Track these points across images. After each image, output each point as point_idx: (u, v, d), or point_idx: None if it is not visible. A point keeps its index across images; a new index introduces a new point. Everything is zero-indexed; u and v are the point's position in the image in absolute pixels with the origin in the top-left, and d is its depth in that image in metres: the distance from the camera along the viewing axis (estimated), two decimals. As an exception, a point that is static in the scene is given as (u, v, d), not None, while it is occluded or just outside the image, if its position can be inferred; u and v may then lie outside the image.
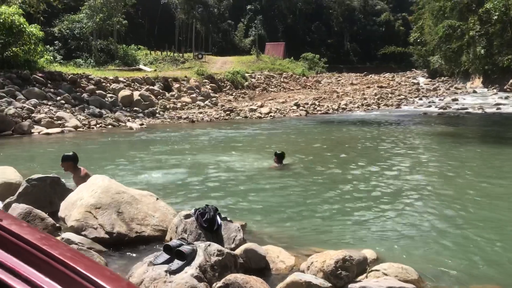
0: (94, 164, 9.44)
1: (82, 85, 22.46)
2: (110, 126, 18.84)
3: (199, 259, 3.68)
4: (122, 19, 42.84)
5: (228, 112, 25.00)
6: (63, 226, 5.12)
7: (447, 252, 4.91)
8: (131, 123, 19.56)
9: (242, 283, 3.43)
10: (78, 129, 17.27)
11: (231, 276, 3.52)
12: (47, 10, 38.04)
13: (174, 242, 3.82)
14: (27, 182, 5.57)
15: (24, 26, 21.18)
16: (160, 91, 26.74)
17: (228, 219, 4.95)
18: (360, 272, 4.00)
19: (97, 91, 22.25)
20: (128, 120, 20.22)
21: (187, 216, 4.76)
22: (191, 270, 3.55)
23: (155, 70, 34.94)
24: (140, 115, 21.97)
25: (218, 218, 4.71)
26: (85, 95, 21.43)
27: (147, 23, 67.38)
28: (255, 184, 8.37)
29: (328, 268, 3.80)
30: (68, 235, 4.50)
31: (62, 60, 32.89)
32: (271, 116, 24.99)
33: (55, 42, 37.19)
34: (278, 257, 4.37)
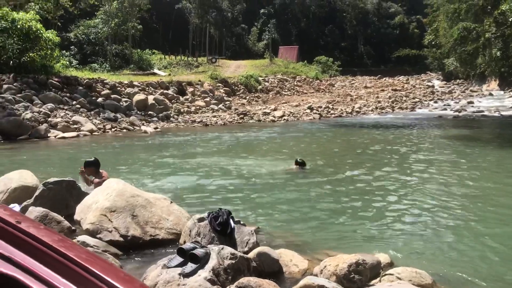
0: (109, 168, 9.53)
1: (98, 89, 22.71)
2: (125, 130, 19.01)
3: (212, 262, 3.70)
4: (137, 24, 43.24)
5: (241, 116, 25.06)
6: (78, 229, 5.18)
7: (461, 257, 4.86)
8: (146, 127, 19.72)
9: (255, 286, 3.44)
10: (94, 133, 17.46)
11: (244, 280, 3.53)
12: (63, 15, 38.62)
13: (187, 245, 3.85)
14: (44, 185, 5.66)
15: (41, 31, 21.52)
16: (174, 95, 26.91)
17: (241, 222, 4.97)
18: (373, 276, 3.99)
19: (112, 96, 22.48)
20: (143, 124, 20.39)
21: (200, 220, 4.80)
22: (205, 273, 3.58)
23: (169, 75, 35.18)
24: (155, 119, 22.14)
25: (231, 221, 4.73)
26: (100, 100, 21.67)
27: (161, 28, 67.85)
28: (269, 188, 8.37)
29: (341, 272, 3.80)
30: (84, 238, 4.56)
31: (77, 65, 33.31)
32: (284, 119, 24.99)
33: (71, 47, 37.65)
34: (291, 260, 4.37)
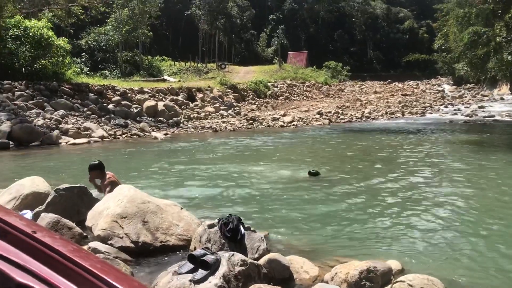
0: (119, 174, 9.58)
1: (108, 96, 22.89)
2: (135, 136, 19.13)
3: (223, 269, 3.70)
4: (147, 31, 43.62)
5: (251, 121, 25.09)
6: (90, 235, 5.21)
7: (474, 264, 4.81)
8: (156, 133, 19.83)
9: (266, 293, 3.44)
10: (104, 139, 17.58)
11: (255, 286, 3.53)
12: (75, 23, 39.03)
13: (198, 252, 3.85)
14: (55, 192, 5.70)
15: (53, 39, 21.79)
16: (184, 101, 27.04)
17: (252, 229, 4.97)
18: (384, 283, 3.96)
19: (122, 102, 22.65)
20: (153, 130, 20.51)
21: (211, 226, 4.80)
22: (215, 280, 3.58)
23: (179, 81, 35.38)
24: (165, 125, 22.26)
25: (242, 228, 4.73)
26: (111, 106, 21.84)
27: (171, 35, 68.35)
28: (279, 194, 8.36)
29: (352, 279, 3.78)
30: (95, 244, 4.58)
31: (88, 72, 33.64)
32: (294, 125, 24.98)
33: (82, 54, 38.04)
34: (302, 267, 4.35)
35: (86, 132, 17.61)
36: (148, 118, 22.52)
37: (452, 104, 37.21)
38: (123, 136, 18.82)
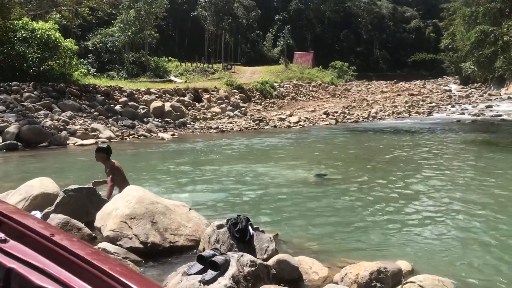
0: (127, 175, 9.60)
1: (115, 97, 22.96)
2: (142, 137, 19.18)
3: (232, 270, 3.70)
4: (153, 32, 43.71)
5: (257, 122, 25.08)
6: (99, 236, 5.22)
7: (485, 265, 4.78)
8: (163, 133, 19.87)
9: (276, 294, 3.43)
10: (112, 140, 17.63)
11: (265, 287, 3.52)
12: (82, 24, 39.22)
13: (207, 253, 3.85)
14: (64, 192, 5.72)
15: (60, 40, 21.89)
16: (191, 102, 27.08)
17: (260, 229, 4.96)
18: (395, 284, 3.94)
19: (129, 103, 22.72)
20: (160, 131, 20.54)
21: (219, 227, 4.80)
22: (225, 281, 3.57)
23: (185, 81, 35.44)
24: (171, 125, 22.30)
25: (250, 228, 4.72)
26: (118, 107, 21.90)
27: (177, 35, 68.42)
28: (287, 195, 8.34)
29: (362, 280, 3.76)
30: (104, 245, 4.60)
31: (95, 73, 33.75)
32: (300, 125, 24.94)
33: (89, 55, 38.16)
34: (311, 268, 4.34)
35: (94, 133, 17.67)
36: (155, 119, 22.57)
37: (459, 103, 37.00)
38: (130, 137, 18.88)
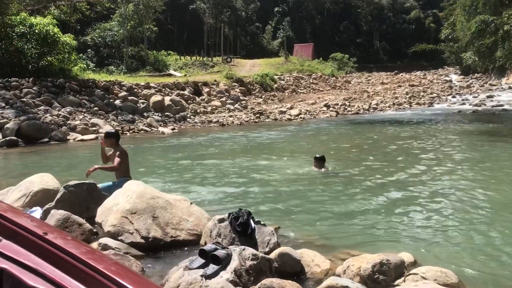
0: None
1: (115, 91, 22.90)
2: (142, 132, 19.14)
3: (234, 264, 3.68)
4: (152, 26, 43.55)
5: (258, 115, 25.03)
6: (100, 231, 5.21)
7: (487, 255, 4.76)
8: (163, 128, 19.83)
9: (278, 288, 3.41)
10: (112, 135, 17.56)
11: (267, 281, 3.51)
12: (80, 19, 39.07)
13: (209, 247, 3.83)
14: (65, 188, 5.70)
15: (58, 35, 21.79)
16: (191, 95, 27.01)
17: (262, 222, 4.94)
18: (398, 275, 3.92)
19: (129, 97, 22.65)
20: (160, 125, 20.50)
21: (221, 220, 4.78)
22: (227, 275, 3.56)
23: (185, 75, 35.35)
24: (171, 120, 22.24)
25: (252, 222, 4.70)
26: (117, 102, 21.83)
27: (176, 29, 68.20)
28: (288, 187, 8.32)
29: (365, 272, 3.74)
30: (105, 240, 4.58)
31: (95, 68, 33.64)
32: (301, 118, 24.89)
33: (88, 50, 38.03)
34: (313, 261, 4.32)
35: (94, 128, 17.64)
36: (155, 113, 22.51)
37: (460, 94, 36.95)
38: (131, 131, 18.85)
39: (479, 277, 4.16)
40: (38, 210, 5.61)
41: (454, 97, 35.19)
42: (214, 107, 26.67)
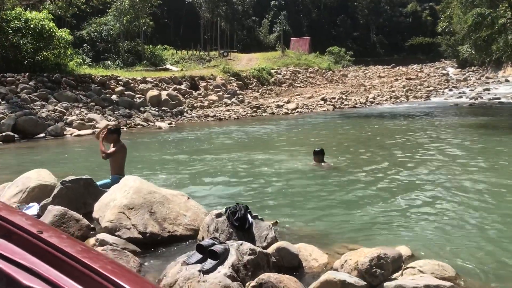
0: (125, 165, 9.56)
1: (111, 86, 22.83)
2: (139, 126, 19.11)
3: (231, 258, 3.68)
4: (148, 20, 43.34)
5: (255, 109, 25.02)
6: (97, 226, 5.20)
7: (484, 248, 4.77)
8: (160, 122, 19.80)
9: (276, 282, 3.41)
10: (109, 130, 17.53)
11: (265, 276, 3.51)
12: (76, 13, 38.83)
13: (206, 242, 3.83)
14: (62, 184, 5.68)
15: (54, 30, 21.69)
16: (187, 90, 26.96)
17: (259, 217, 4.94)
18: (395, 269, 3.92)
19: (125, 92, 22.59)
20: (157, 120, 20.47)
21: (218, 215, 4.77)
22: (224, 270, 3.56)
23: (181, 70, 35.24)
24: (168, 114, 22.20)
25: (249, 216, 4.70)
26: (114, 97, 21.79)
27: (172, 23, 67.92)
28: (285, 182, 8.32)
29: (362, 267, 3.75)
30: (103, 236, 4.57)
31: (91, 63, 33.50)
32: (298, 111, 24.89)
33: (84, 45, 37.84)
34: (311, 255, 4.32)
35: (90, 123, 17.60)
36: (152, 108, 22.46)
37: (457, 87, 37.00)
38: (127, 126, 18.80)
39: (476, 270, 4.17)
40: (35, 206, 5.60)
41: (451, 90, 35.24)
42: (211, 102, 26.63)
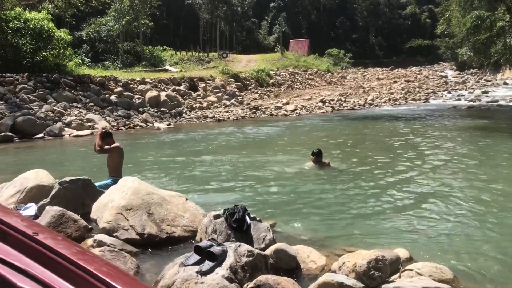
0: (123, 166, 9.55)
1: (110, 87, 22.80)
2: (138, 127, 19.08)
3: (229, 260, 3.67)
4: (148, 21, 43.30)
5: (254, 110, 25.02)
6: (95, 227, 5.19)
7: (482, 251, 4.77)
8: (159, 123, 19.78)
9: (274, 284, 3.40)
10: (107, 130, 17.50)
11: (263, 277, 3.50)
12: (75, 14, 38.80)
13: (204, 243, 3.82)
14: (60, 184, 5.67)
15: (53, 31, 21.67)
16: (186, 91, 26.94)
17: (258, 219, 4.93)
18: (393, 271, 3.92)
19: (124, 93, 22.56)
20: (156, 121, 20.45)
21: (216, 217, 4.77)
22: (222, 271, 3.55)
23: (181, 71, 35.20)
24: (167, 115, 22.18)
25: (247, 218, 4.69)
26: (113, 97, 21.76)
27: (172, 24, 67.88)
28: (284, 183, 8.31)
29: (360, 269, 3.74)
30: (101, 237, 4.57)
31: (90, 63, 33.45)
32: (296, 113, 24.89)
33: (83, 45, 37.79)
34: (309, 257, 4.32)
35: (89, 124, 17.58)
36: (151, 109, 22.44)
37: (456, 89, 37.04)
38: (126, 127, 18.79)
39: (474, 273, 4.17)
40: (33, 207, 5.58)
41: (449, 92, 35.27)
42: (210, 103, 26.62)
